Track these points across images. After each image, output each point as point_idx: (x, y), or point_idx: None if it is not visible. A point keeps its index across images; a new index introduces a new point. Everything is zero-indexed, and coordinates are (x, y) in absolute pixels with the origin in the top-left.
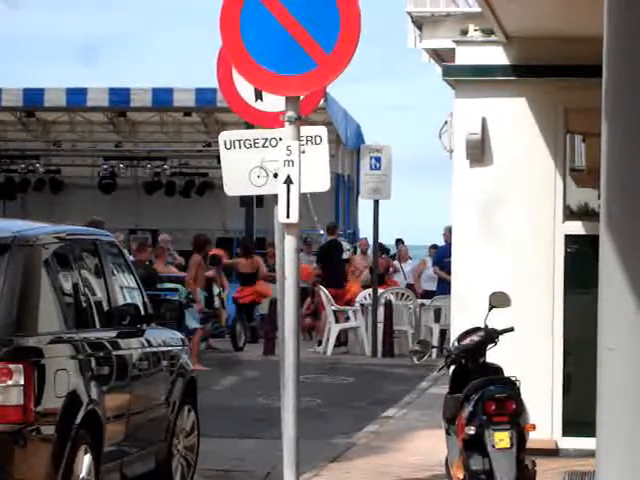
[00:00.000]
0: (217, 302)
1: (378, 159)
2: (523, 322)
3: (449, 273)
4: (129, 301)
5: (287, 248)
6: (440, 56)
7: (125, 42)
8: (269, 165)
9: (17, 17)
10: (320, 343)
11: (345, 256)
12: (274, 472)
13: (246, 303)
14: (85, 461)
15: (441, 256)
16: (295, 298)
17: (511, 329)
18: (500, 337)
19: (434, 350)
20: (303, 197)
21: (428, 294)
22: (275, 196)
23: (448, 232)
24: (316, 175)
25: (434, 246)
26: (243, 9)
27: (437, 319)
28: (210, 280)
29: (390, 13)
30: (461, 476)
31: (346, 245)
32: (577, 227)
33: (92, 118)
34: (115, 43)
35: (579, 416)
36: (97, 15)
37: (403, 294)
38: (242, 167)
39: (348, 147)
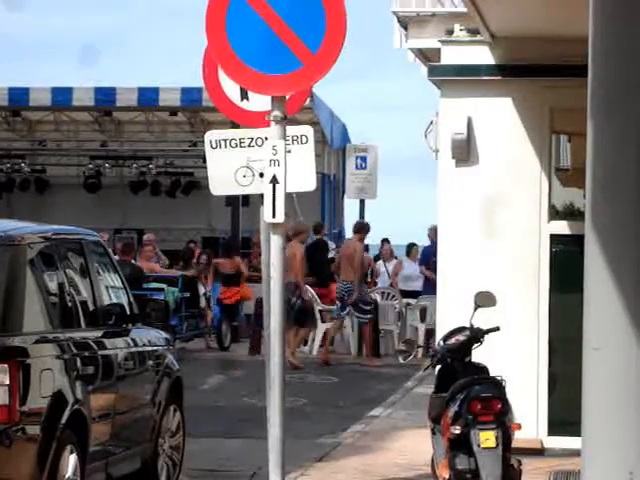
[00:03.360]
0: (203, 302)
1: (364, 159)
2: (509, 322)
3: (435, 272)
4: (115, 301)
5: (273, 248)
6: (426, 56)
7: (111, 41)
8: (255, 165)
9: (15, 18)
10: (306, 343)
11: (330, 255)
12: (260, 472)
13: (232, 303)
14: (71, 461)
15: (427, 256)
16: (281, 297)
17: (497, 329)
18: (486, 337)
19: (420, 349)
20: (289, 197)
21: (406, 294)
22: (261, 196)
23: (433, 231)
24: (302, 175)
25: (411, 244)
26: (229, 9)
27: (423, 318)
28: (195, 280)
29: (376, 13)
30: (447, 475)
31: (332, 244)
32: (562, 227)
33: (77, 117)
34: (115, 43)
35: (564, 415)
36: (97, 15)
37: (389, 293)
38: (228, 167)
39: (334, 147)
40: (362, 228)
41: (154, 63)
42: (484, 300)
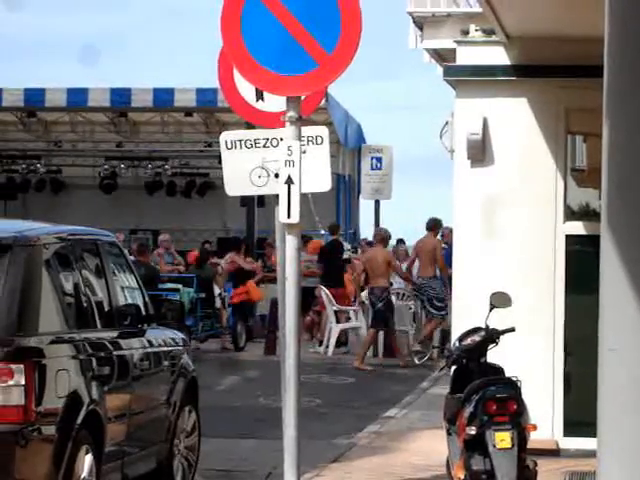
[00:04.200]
0: (218, 302)
1: (379, 159)
2: (524, 322)
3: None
4: (130, 301)
5: (288, 248)
6: (441, 56)
7: (125, 41)
8: (270, 165)
9: (16, 17)
10: (321, 343)
11: (345, 256)
12: (275, 472)
13: (236, 303)
14: (86, 461)
15: (448, 256)
16: (296, 298)
17: (512, 329)
18: (501, 337)
19: (435, 350)
20: (304, 197)
21: None
22: (276, 196)
23: (449, 232)
24: (317, 175)
25: (399, 241)
26: (244, 9)
27: None
28: (210, 281)
29: (391, 13)
30: (462, 476)
31: (347, 245)
32: (578, 227)
33: (93, 118)
34: (115, 43)
35: (580, 416)
36: (97, 14)
37: (404, 294)
38: (243, 167)
39: (349, 147)
40: (436, 224)
41: (169, 63)
42: (499, 300)
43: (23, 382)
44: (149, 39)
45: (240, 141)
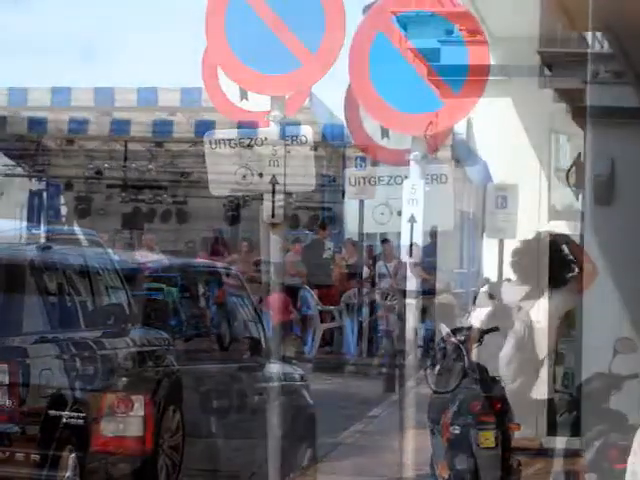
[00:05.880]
0: (202, 302)
1: (363, 159)
2: (508, 321)
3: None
4: (114, 301)
5: (272, 248)
6: (425, 56)
7: (111, 41)
8: (254, 165)
9: (11, 17)
10: (305, 343)
11: (326, 255)
12: (259, 472)
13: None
14: (70, 461)
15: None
16: (280, 297)
17: (496, 329)
18: (485, 336)
19: (419, 350)
20: (288, 197)
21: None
22: (260, 196)
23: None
24: (301, 175)
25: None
26: (228, 9)
27: (422, 319)
28: (195, 279)
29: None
30: (446, 475)
31: (328, 244)
32: (562, 227)
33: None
34: (101, 42)
35: (564, 415)
36: (83, 13)
37: (388, 294)
38: (227, 167)
39: (333, 147)
40: None
41: (153, 63)
42: (625, 347)
43: (7, 382)
44: (136, 38)
45: (224, 140)
